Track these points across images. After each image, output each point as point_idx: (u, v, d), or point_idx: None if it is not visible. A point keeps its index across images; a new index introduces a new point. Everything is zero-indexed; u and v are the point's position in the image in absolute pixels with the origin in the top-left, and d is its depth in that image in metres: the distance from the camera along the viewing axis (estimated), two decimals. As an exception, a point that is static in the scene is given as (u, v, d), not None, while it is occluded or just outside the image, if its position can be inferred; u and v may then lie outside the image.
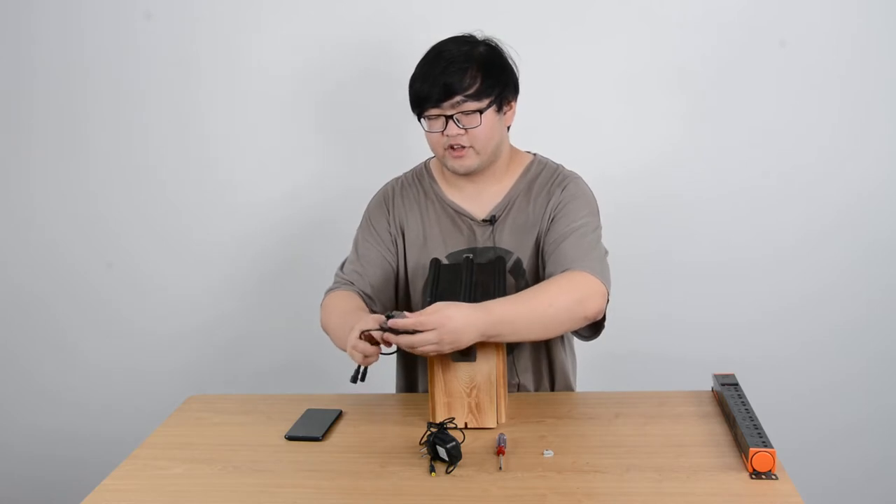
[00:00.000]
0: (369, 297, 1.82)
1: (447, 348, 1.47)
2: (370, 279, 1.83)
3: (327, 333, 1.77)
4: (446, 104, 1.67)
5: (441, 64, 1.67)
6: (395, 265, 1.86)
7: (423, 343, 1.45)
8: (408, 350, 1.48)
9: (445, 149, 1.72)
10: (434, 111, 1.68)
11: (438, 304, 1.48)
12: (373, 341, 1.51)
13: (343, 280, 1.84)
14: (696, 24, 2.29)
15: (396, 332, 1.46)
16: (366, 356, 1.52)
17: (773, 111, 2.33)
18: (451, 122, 1.68)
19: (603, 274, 1.64)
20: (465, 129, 1.68)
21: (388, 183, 1.92)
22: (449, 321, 1.45)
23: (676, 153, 2.37)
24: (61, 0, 2.42)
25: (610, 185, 2.23)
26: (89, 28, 2.43)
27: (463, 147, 1.70)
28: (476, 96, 1.67)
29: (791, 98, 2.32)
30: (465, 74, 1.66)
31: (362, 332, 1.51)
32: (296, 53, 2.40)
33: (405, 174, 1.92)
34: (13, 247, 2.60)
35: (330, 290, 1.84)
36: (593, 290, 1.60)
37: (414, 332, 1.45)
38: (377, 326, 1.49)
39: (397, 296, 1.88)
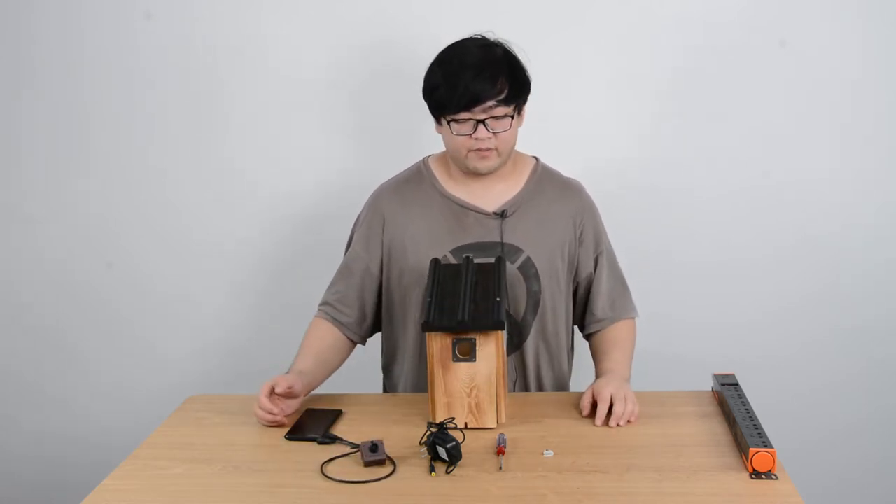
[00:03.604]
0: (342, 323, 1.87)
1: (631, 405, 1.64)
2: (353, 298, 1.88)
3: None
4: (477, 109, 1.70)
5: (470, 70, 1.69)
6: (383, 272, 1.88)
7: (634, 409, 1.64)
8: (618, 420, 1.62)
9: (470, 150, 1.75)
10: (464, 115, 1.70)
11: (599, 386, 1.67)
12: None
13: (326, 303, 1.90)
14: (697, 23, 2.29)
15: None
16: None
17: (774, 111, 2.33)
18: (481, 126, 1.71)
19: (631, 304, 1.93)
20: (494, 132, 1.72)
21: (380, 186, 1.93)
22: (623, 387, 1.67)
23: (676, 153, 2.37)
24: (61, 0, 2.42)
25: (610, 185, 2.24)
26: (89, 28, 2.43)
27: (489, 149, 1.74)
28: (506, 101, 1.71)
29: (791, 98, 2.32)
30: (496, 81, 1.70)
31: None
32: (296, 53, 2.40)
33: (399, 175, 1.93)
34: (13, 246, 2.59)
35: (318, 306, 1.91)
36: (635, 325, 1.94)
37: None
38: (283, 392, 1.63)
39: (394, 299, 1.89)
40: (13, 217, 2.58)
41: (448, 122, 1.73)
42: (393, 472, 1.48)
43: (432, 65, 1.76)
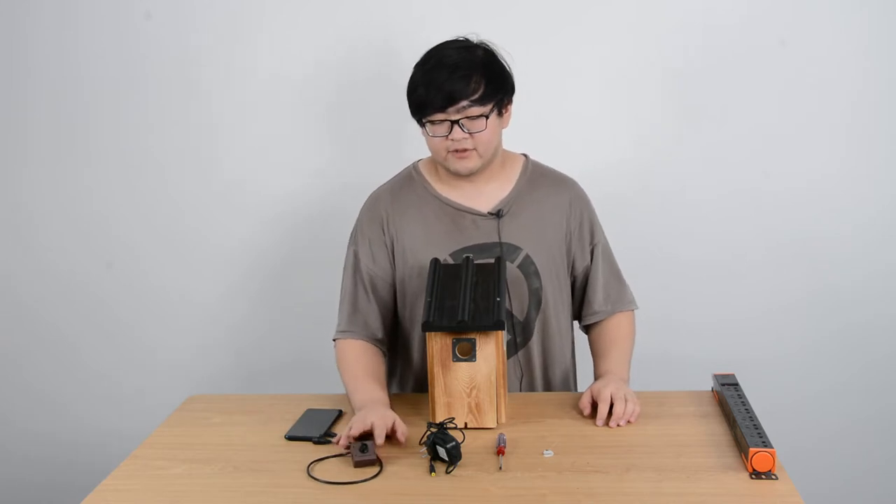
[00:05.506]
0: (377, 338, 1.83)
1: (632, 405, 1.65)
2: (374, 309, 1.84)
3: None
4: (451, 109, 1.69)
5: (445, 70, 1.69)
6: (393, 276, 1.86)
7: (634, 409, 1.65)
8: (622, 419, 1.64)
9: (449, 152, 1.74)
10: (439, 116, 1.70)
11: (598, 387, 1.69)
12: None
13: (351, 319, 1.83)
14: (697, 24, 2.29)
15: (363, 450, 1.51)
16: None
17: (774, 111, 2.33)
18: (456, 126, 1.70)
19: (629, 297, 1.93)
20: (470, 133, 1.71)
21: (374, 192, 1.91)
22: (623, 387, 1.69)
23: (677, 153, 2.37)
24: (60, 0, 2.42)
25: (610, 186, 2.24)
26: (88, 28, 2.43)
27: (466, 150, 1.73)
28: (481, 101, 1.70)
29: (792, 98, 2.32)
30: (469, 80, 1.69)
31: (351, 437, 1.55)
32: (296, 53, 2.40)
33: (391, 180, 1.92)
34: (12, 247, 2.59)
35: (341, 331, 1.84)
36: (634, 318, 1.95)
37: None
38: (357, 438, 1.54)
39: (395, 301, 1.89)
40: (13, 217, 2.58)
41: (425, 124, 1.74)
42: (379, 472, 1.47)
43: (414, 67, 1.76)
